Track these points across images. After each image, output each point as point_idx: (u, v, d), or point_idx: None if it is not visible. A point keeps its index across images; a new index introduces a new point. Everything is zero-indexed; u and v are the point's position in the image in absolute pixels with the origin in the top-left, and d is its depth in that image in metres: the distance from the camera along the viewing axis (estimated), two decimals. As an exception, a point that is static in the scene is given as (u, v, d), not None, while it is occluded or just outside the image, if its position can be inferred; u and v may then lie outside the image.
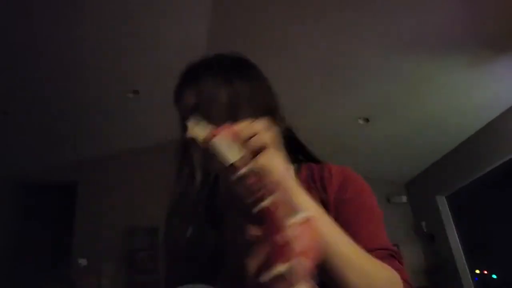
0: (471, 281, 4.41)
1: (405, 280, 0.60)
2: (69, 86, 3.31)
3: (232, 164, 0.43)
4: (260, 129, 0.46)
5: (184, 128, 0.62)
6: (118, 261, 4.05)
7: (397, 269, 0.61)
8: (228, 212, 0.59)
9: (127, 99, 3.62)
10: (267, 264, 0.38)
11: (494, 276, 4.69)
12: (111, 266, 3.96)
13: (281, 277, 0.36)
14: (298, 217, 0.38)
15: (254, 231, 0.41)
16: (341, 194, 0.71)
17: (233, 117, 0.63)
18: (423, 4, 2.60)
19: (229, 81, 0.71)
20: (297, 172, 0.76)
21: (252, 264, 0.40)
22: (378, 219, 0.71)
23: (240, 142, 0.44)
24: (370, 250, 0.60)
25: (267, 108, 0.72)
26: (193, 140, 0.47)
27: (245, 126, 0.46)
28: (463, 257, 4.54)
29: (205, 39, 3.02)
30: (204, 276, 0.56)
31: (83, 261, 3.82)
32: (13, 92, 3.28)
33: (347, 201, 0.70)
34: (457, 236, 4.67)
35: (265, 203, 0.40)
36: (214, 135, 0.44)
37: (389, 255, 0.64)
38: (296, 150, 0.81)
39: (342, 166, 0.77)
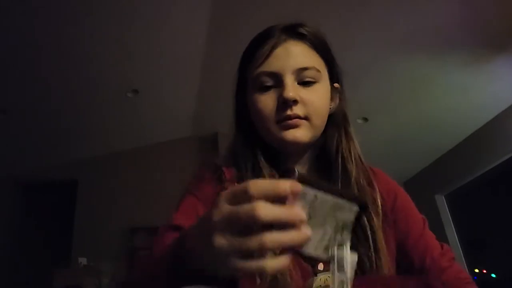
0: (470, 280, 4.41)
1: (471, 282, 0.68)
2: (68, 85, 3.32)
3: None
4: None
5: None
6: (118, 260, 4.05)
7: (461, 272, 0.68)
8: None
9: (127, 98, 3.62)
10: None
11: (493, 275, 4.69)
12: (111, 265, 3.96)
13: None
14: None
15: None
16: (394, 202, 0.75)
17: None
18: (422, 4, 2.61)
19: None
20: None
21: None
22: (426, 222, 0.77)
23: None
24: (436, 257, 0.69)
25: None
26: None
27: None
28: (462, 256, 4.55)
29: (204, 39, 3.03)
30: None
31: (83, 260, 3.82)
32: (12, 91, 3.29)
33: (403, 210, 0.75)
34: (456, 235, 4.68)
35: None
36: None
37: (452, 259, 0.71)
38: None
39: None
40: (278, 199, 0.35)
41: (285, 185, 0.35)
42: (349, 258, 0.41)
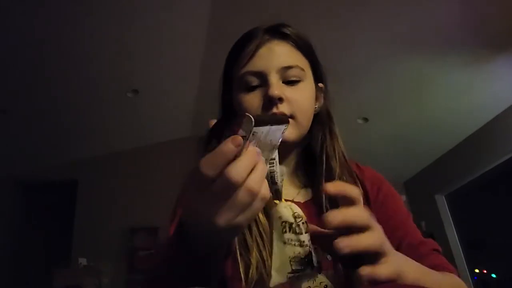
0: (470, 280, 4.42)
1: (455, 271, 0.65)
2: (68, 85, 3.32)
3: None
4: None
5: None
6: (118, 260, 4.06)
7: (445, 263, 0.67)
8: None
9: (127, 98, 3.62)
10: None
11: (493, 275, 4.69)
12: (111, 265, 3.97)
13: None
14: None
15: None
16: (377, 193, 0.76)
17: None
18: (422, 4, 2.61)
19: None
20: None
21: None
22: (410, 216, 0.77)
23: None
24: (415, 244, 0.67)
25: None
26: None
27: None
28: (463, 256, 4.55)
29: (204, 39, 3.03)
30: None
31: (83, 261, 3.82)
32: (12, 90, 3.29)
33: (385, 200, 0.75)
34: (456, 235, 4.68)
35: None
36: None
37: (433, 250, 0.69)
38: None
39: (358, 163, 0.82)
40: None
41: (227, 146, 0.39)
42: (279, 169, 0.49)
